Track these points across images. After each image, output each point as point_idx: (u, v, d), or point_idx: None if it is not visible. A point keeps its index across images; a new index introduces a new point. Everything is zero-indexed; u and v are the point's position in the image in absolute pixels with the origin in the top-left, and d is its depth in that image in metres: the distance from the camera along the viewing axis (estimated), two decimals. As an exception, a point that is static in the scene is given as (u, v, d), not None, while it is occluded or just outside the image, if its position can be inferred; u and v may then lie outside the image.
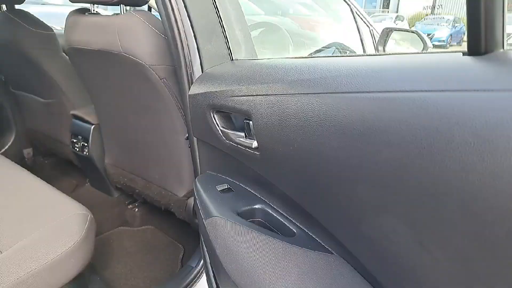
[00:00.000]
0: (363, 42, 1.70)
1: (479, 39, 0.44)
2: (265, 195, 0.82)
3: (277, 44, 1.74)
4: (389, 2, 24.30)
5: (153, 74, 1.11)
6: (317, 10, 3.06)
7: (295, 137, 0.61)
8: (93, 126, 1.61)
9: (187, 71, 0.96)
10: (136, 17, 1.09)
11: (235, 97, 0.77)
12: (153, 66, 1.10)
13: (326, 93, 0.56)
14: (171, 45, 0.96)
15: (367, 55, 0.63)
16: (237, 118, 0.87)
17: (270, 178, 0.74)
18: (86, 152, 1.65)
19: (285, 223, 0.74)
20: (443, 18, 17.15)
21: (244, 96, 0.74)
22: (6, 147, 2.01)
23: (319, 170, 0.59)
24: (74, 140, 1.70)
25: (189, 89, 0.96)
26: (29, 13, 1.63)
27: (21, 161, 2.08)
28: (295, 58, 0.79)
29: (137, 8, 1.56)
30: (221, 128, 0.86)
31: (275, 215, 0.77)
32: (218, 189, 0.88)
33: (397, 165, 0.45)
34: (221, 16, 0.96)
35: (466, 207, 0.40)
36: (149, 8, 2.02)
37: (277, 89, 0.66)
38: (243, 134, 0.80)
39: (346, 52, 1.73)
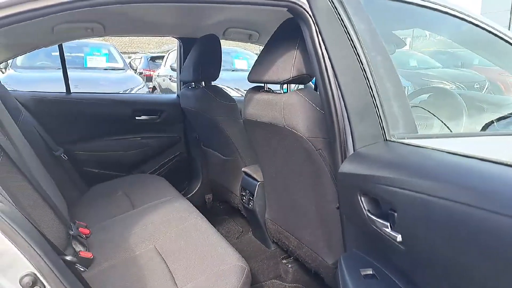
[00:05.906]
0: None
1: None
2: None
3: (448, 110, 1.60)
4: None
5: (310, 145, 1.20)
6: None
7: (440, 243, 0.56)
8: (259, 183, 1.80)
9: (341, 146, 1.01)
10: (299, 96, 1.22)
11: (381, 185, 0.76)
12: (310, 139, 1.19)
13: (491, 211, 0.47)
14: (328, 120, 1.05)
15: None
16: (384, 203, 0.85)
17: (414, 276, 0.69)
18: (251, 205, 1.85)
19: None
20: None
21: (390, 186, 0.73)
22: (194, 192, 2.46)
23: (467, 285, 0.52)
24: (243, 193, 1.93)
25: (341, 162, 1.00)
26: (220, 87, 2.01)
27: (203, 204, 2.48)
28: (457, 150, 0.71)
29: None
30: (367, 213, 0.85)
31: None
32: (362, 273, 0.86)
33: None
34: (376, 95, 0.99)
35: None
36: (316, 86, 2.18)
37: (423, 187, 0.63)
38: (388, 224, 0.77)
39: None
